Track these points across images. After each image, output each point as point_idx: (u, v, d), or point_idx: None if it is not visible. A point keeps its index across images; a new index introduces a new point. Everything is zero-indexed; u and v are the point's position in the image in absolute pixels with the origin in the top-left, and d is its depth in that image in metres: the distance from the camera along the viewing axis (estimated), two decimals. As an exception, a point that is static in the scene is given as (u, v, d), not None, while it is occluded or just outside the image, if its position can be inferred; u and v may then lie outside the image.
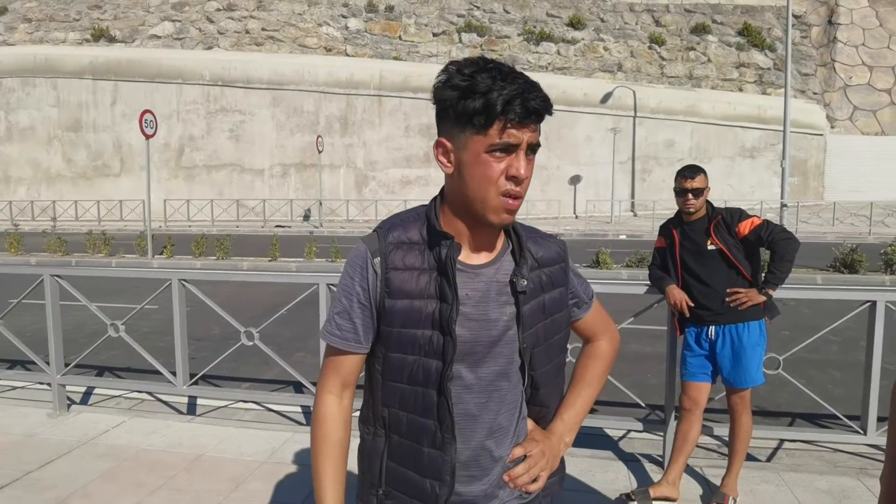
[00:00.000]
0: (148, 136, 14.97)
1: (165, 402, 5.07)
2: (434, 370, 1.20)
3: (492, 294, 1.23)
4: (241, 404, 5.00)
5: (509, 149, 1.14)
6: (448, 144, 1.18)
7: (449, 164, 1.19)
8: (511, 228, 1.29)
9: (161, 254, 15.63)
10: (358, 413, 1.37)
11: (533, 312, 1.27)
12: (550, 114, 1.18)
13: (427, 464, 1.23)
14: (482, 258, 1.25)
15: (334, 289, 3.96)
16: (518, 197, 1.17)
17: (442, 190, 1.28)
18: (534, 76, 1.17)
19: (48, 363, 4.56)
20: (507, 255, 1.28)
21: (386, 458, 1.28)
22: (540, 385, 1.31)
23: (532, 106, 1.13)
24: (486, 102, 1.11)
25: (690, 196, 3.13)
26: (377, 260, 1.22)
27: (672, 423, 3.60)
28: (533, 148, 1.17)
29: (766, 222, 3.12)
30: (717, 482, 3.29)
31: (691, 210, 3.16)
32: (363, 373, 1.34)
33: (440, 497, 1.23)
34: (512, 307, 1.25)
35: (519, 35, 29.22)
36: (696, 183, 3.12)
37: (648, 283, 3.56)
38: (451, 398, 1.21)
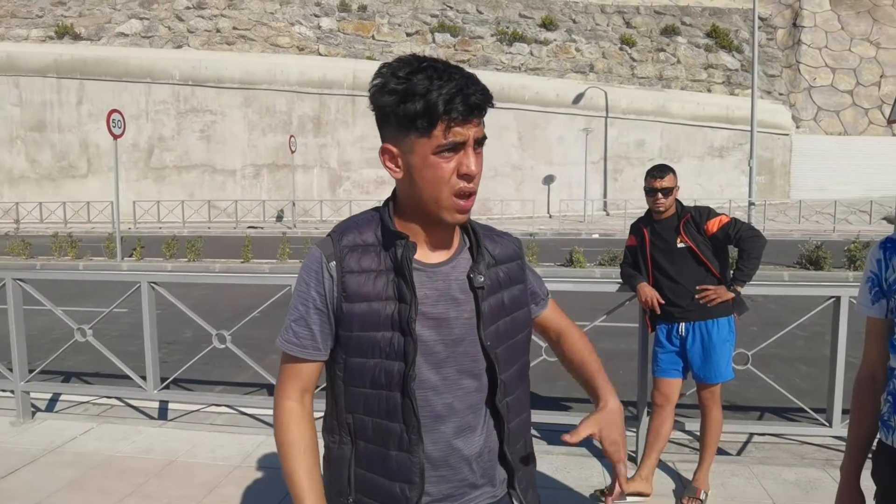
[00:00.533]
0: (116, 137, 14.67)
1: (135, 408, 4.97)
2: (396, 372, 1.19)
3: (451, 292, 1.23)
4: (213, 408, 4.92)
5: (456, 147, 1.13)
6: (394, 150, 1.17)
7: (398, 170, 1.18)
8: (468, 226, 1.28)
9: (131, 256, 15.33)
10: (321, 422, 1.34)
11: (493, 309, 1.26)
12: (492, 106, 1.17)
13: (395, 468, 1.21)
14: (439, 257, 1.24)
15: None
16: (471, 194, 1.17)
17: (394, 191, 1.27)
18: (507, 77, 1.17)
19: (11, 370, 4.43)
20: (464, 252, 1.27)
21: (353, 466, 1.25)
22: (510, 390, 1.30)
23: (473, 101, 1.11)
24: (426, 104, 1.09)
25: (660, 195, 3.18)
26: (332, 264, 1.20)
27: (645, 419, 3.64)
28: (480, 141, 1.17)
29: (734, 220, 3.18)
30: (689, 476, 3.34)
31: (661, 209, 3.21)
32: (323, 381, 1.32)
33: (410, 499, 1.21)
34: (472, 304, 1.24)
35: (492, 36, 29.31)
36: (666, 182, 3.17)
37: (620, 281, 3.60)
38: (416, 399, 1.19)
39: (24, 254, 15.77)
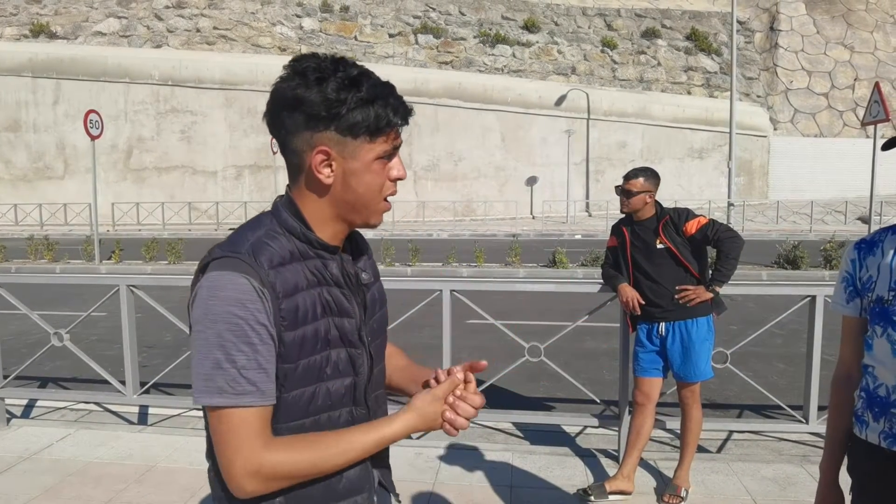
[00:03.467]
0: (93, 137, 14.47)
1: (114, 413, 4.90)
2: (344, 389, 1.13)
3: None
4: (194, 412, 4.87)
5: (391, 153, 1.13)
6: (332, 152, 1.09)
7: (331, 175, 1.10)
8: None
9: (109, 259, 15.12)
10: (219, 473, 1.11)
11: (370, 304, 1.24)
12: None
13: (347, 486, 1.14)
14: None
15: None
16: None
17: (290, 200, 1.15)
18: (490, 78, 1.17)
19: (-13, 375, 4.35)
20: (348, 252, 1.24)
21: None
22: (377, 386, 1.25)
23: (407, 110, 1.12)
24: (384, 111, 1.08)
25: (623, 197, 3.27)
26: (265, 290, 1.04)
27: (626, 418, 3.67)
28: None
29: (712, 221, 3.23)
30: (671, 474, 3.38)
31: (624, 210, 3.30)
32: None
33: None
34: (355, 300, 1.19)
35: (475, 37, 29.37)
36: (629, 185, 3.24)
37: (602, 281, 3.64)
38: (372, 408, 1.16)
39: (-1, 257, 15.50)
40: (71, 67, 25.90)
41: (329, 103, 1.05)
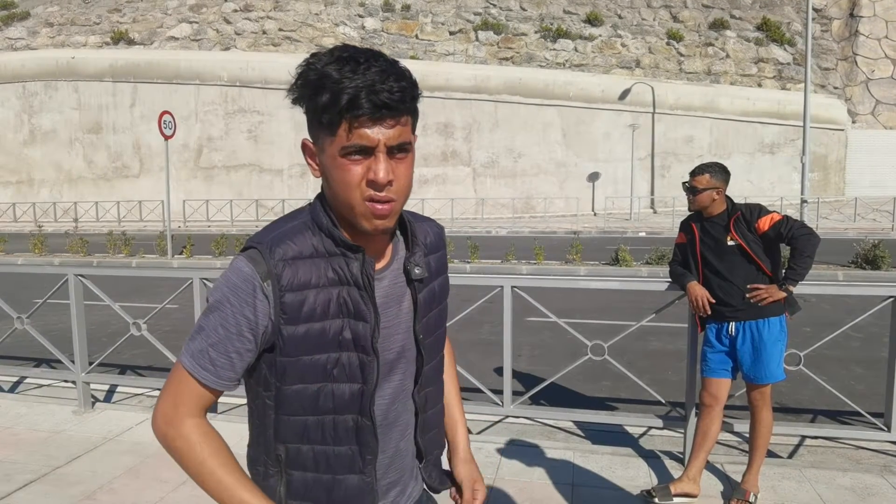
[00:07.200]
0: (167, 137, 15.14)
1: (187, 400, 5.12)
2: (350, 395, 1.09)
3: (396, 294, 1.14)
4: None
5: (366, 151, 0.99)
6: (311, 146, 1.07)
7: (316, 168, 1.07)
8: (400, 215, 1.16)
9: (181, 254, 15.81)
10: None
11: (426, 300, 1.18)
12: (408, 104, 1.01)
13: (345, 491, 1.13)
14: (381, 261, 1.14)
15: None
16: (386, 202, 1.02)
17: (323, 195, 1.12)
18: (551, 73, 1.11)
19: (73, 361, 4.64)
20: (400, 246, 1.17)
21: (285, 498, 1.14)
22: (429, 383, 1.23)
23: (381, 100, 0.96)
24: (330, 99, 0.97)
25: (689, 194, 3.20)
26: (267, 283, 1.04)
27: (692, 420, 3.58)
28: (401, 147, 1.01)
29: (786, 218, 3.10)
30: (738, 478, 3.27)
31: (693, 208, 3.22)
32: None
33: None
34: (410, 299, 1.16)
35: (536, 32, 29.11)
36: (695, 182, 3.17)
37: (669, 280, 3.56)
38: (376, 418, 1.12)
39: (82, 251, 16.41)
40: (147, 71, 27.24)
41: (299, 93, 1.03)
